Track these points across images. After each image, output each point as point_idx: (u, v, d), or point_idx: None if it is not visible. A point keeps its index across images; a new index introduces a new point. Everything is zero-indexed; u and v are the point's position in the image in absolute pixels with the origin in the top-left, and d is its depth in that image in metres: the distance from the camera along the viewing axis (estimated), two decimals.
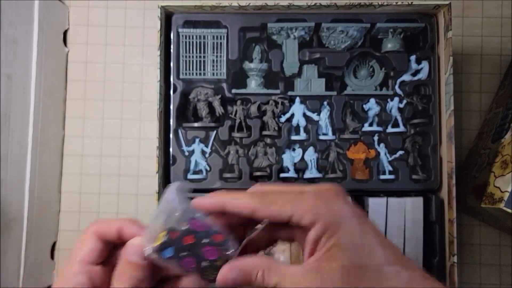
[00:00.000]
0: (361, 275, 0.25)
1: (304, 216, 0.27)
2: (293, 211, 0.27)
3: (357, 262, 0.25)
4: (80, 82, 0.78)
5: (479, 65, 0.77)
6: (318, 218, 0.26)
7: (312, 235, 0.27)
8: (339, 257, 0.26)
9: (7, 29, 0.61)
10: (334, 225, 0.26)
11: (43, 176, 0.71)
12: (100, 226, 0.31)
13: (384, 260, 0.26)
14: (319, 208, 0.27)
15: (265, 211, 0.28)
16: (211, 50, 0.68)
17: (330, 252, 0.26)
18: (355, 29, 0.66)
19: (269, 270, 0.28)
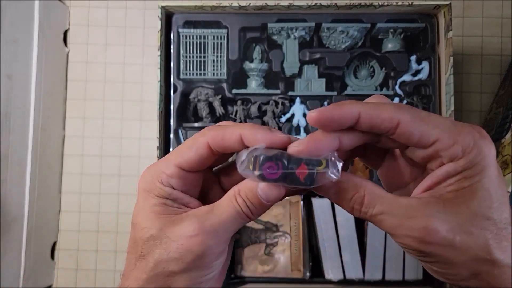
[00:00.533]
0: (485, 227, 0.22)
1: (452, 147, 0.23)
2: (440, 136, 0.23)
3: (487, 213, 0.23)
4: (80, 82, 0.78)
5: (479, 65, 0.77)
6: (466, 154, 0.23)
7: (447, 168, 0.23)
8: (471, 201, 0.23)
9: (7, 29, 0.61)
10: (478, 166, 0.23)
11: (43, 176, 0.71)
12: (218, 137, 0.26)
13: (509, 221, 0.23)
14: (469, 143, 0.23)
15: (412, 127, 0.23)
16: (211, 50, 0.68)
17: (462, 193, 0.23)
18: (356, 29, 0.66)
19: (373, 194, 0.24)
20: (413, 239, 0.23)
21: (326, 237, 0.66)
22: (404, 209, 0.23)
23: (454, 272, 0.23)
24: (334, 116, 0.24)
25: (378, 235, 0.66)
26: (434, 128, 0.23)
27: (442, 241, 0.22)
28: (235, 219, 0.25)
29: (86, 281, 0.76)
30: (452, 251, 0.22)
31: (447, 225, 0.22)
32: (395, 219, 0.23)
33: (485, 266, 0.23)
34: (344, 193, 0.25)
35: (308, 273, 0.66)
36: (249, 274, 0.68)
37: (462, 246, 0.22)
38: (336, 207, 0.66)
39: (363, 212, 0.24)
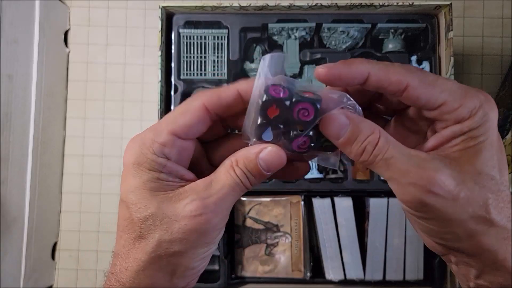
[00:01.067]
0: (488, 186, 0.23)
1: (458, 108, 0.23)
2: (447, 99, 0.23)
3: (491, 172, 0.23)
4: (81, 82, 0.78)
5: (480, 65, 0.77)
6: (472, 115, 0.23)
7: (453, 129, 0.24)
8: (477, 160, 0.23)
9: (8, 29, 0.61)
10: (483, 127, 0.23)
11: (44, 176, 0.71)
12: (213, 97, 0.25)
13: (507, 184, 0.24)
14: (476, 105, 0.23)
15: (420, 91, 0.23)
16: (212, 50, 0.68)
17: (467, 152, 0.23)
18: (356, 30, 0.66)
19: (387, 137, 0.24)
20: (418, 187, 0.23)
21: (327, 237, 0.66)
22: (414, 158, 0.23)
23: (450, 230, 0.23)
24: (342, 74, 0.24)
25: (378, 235, 0.66)
26: (441, 92, 0.23)
27: (446, 194, 0.22)
28: (235, 192, 0.25)
29: (86, 282, 0.76)
30: (454, 206, 0.23)
31: (452, 180, 0.22)
32: (405, 166, 0.23)
33: (482, 226, 0.23)
34: (358, 134, 0.24)
35: (308, 273, 0.66)
36: (249, 274, 0.68)
37: (464, 202, 0.22)
38: (336, 207, 0.66)
39: (374, 155, 0.24)
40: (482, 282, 0.24)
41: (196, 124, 0.25)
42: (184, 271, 0.25)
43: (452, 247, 0.25)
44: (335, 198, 0.66)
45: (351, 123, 0.24)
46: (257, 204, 0.69)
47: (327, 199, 0.66)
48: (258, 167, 0.25)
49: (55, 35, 0.75)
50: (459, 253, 0.24)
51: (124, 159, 0.26)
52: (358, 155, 0.24)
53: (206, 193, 0.24)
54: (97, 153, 0.78)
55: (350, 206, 0.65)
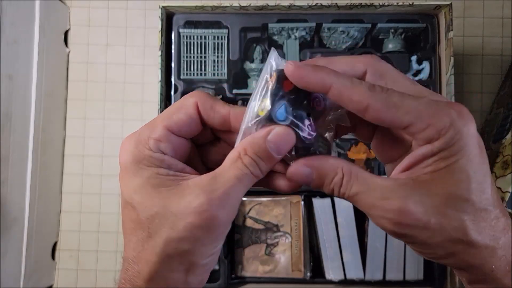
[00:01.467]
0: (462, 209, 0.22)
1: (426, 129, 0.22)
2: (413, 121, 0.22)
3: (465, 195, 0.22)
4: (81, 83, 0.78)
5: (480, 65, 0.77)
6: (441, 134, 0.22)
7: (423, 150, 0.23)
8: (448, 183, 0.22)
9: (8, 29, 0.61)
10: (455, 147, 0.22)
11: (44, 176, 0.71)
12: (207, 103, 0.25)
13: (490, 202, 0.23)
14: (445, 124, 0.22)
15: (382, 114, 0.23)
16: (212, 50, 0.68)
17: (438, 174, 0.22)
18: (356, 30, 0.66)
19: (350, 176, 0.24)
20: (388, 220, 0.23)
21: (327, 237, 0.66)
22: (379, 190, 0.23)
23: (430, 251, 0.24)
24: (305, 79, 0.23)
25: (378, 235, 0.66)
26: (406, 114, 0.23)
27: (416, 223, 0.22)
28: (243, 183, 0.24)
29: (86, 282, 0.76)
30: (427, 233, 0.22)
31: (421, 207, 0.22)
32: (370, 200, 0.23)
33: (461, 247, 0.22)
34: (323, 178, 0.25)
35: (308, 273, 0.66)
36: (249, 274, 0.68)
37: (436, 227, 0.22)
38: (336, 207, 0.66)
39: (342, 193, 0.24)
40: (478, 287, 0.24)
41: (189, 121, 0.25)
42: (196, 269, 0.24)
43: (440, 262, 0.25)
44: (335, 198, 0.66)
45: (314, 171, 0.24)
46: (257, 204, 0.69)
47: (327, 199, 0.66)
48: (268, 150, 0.24)
49: (55, 35, 0.75)
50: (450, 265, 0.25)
51: (121, 159, 0.25)
52: (331, 193, 0.25)
53: (211, 188, 0.23)
54: (97, 153, 0.78)
55: (350, 206, 0.65)
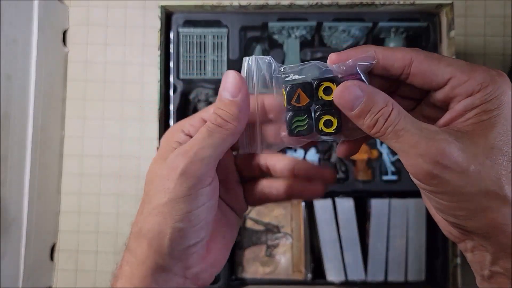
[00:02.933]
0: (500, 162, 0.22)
1: (468, 81, 0.23)
2: (454, 73, 0.23)
3: (504, 148, 0.22)
4: (80, 82, 0.78)
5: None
6: (483, 86, 0.23)
7: (464, 103, 0.23)
8: (490, 134, 0.23)
9: (7, 29, 0.61)
10: (496, 101, 0.23)
11: (42, 176, 0.71)
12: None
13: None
14: (486, 78, 0.23)
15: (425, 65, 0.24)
16: (211, 50, 0.67)
17: (480, 126, 0.23)
18: (357, 29, 0.65)
19: (399, 110, 0.24)
20: (426, 159, 0.22)
21: (328, 238, 0.65)
22: (425, 131, 0.23)
23: (461, 205, 0.23)
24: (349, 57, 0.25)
25: (380, 236, 0.65)
26: (447, 66, 0.24)
27: (456, 167, 0.22)
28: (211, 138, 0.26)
29: (86, 282, 0.76)
30: (464, 179, 0.22)
31: (463, 153, 0.22)
32: (414, 138, 0.23)
33: (494, 202, 0.22)
34: (371, 106, 0.24)
35: (309, 274, 0.66)
36: (250, 276, 0.68)
37: (475, 175, 0.22)
38: (337, 208, 0.65)
39: (385, 127, 0.24)
40: (498, 269, 0.23)
41: None
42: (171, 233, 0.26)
43: (465, 227, 0.24)
44: (336, 199, 0.65)
45: (365, 96, 0.24)
46: None
47: (328, 199, 0.66)
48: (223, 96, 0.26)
49: (54, 34, 0.75)
50: (474, 235, 0.24)
51: (161, 139, 0.29)
52: (370, 127, 0.24)
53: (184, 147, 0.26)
54: (96, 153, 0.77)
55: (351, 206, 0.65)
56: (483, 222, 0.23)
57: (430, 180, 0.23)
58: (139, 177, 0.77)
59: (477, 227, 0.23)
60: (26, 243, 0.66)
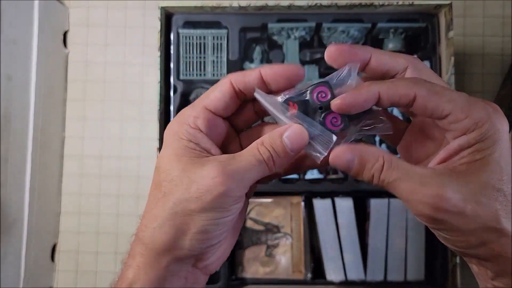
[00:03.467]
0: (495, 198, 0.24)
1: (464, 119, 0.24)
2: (453, 110, 0.24)
3: (498, 185, 0.24)
4: (80, 83, 0.78)
5: (480, 65, 0.77)
6: (478, 126, 0.24)
7: (459, 141, 0.25)
8: (483, 173, 0.24)
9: (7, 30, 0.61)
10: (490, 140, 0.24)
11: (43, 177, 0.71)
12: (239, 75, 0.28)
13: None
14: (482, 117, 0.24)
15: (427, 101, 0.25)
16: (211, 50, 0.67)
17: (474, 165, 0.24)
18: (356, 29, 0.65)
19: (391, 163, 0.25)
20: (426, 205, 0.24)
21: (328, 238, 0.65)
22: (418, 177, 0.24)
23: (463, 239, 0.24)
24: (356, 101, 0.26)
25: (379, 236, 0.65)
26: (447, 102, 0.24)
27: (453, 209, 0.23)
28: (256, 168, 0.26)
29: (86, 283, 0.76)
30: (463, 219, 0.23)
31: (458, 194, 0.23)
32: (410, 186, 0.24)
33: (493, 235, 0.24)
34: (365, 164, 0.26)
35: (309, 274, 0.66)
36: (250, 276, 0.68)
37: (472, 214, 0.23)
38: (337, 208, 0.65)
39: (381, 180, 0.26)
40: (498, 284, 0.25)
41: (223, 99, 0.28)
42: (196, 233, 0.26)
43: (467, 254, 0.26)
44: (336, 199, 0.66)
45: (356, 157, 0.26)
46: (258, 205, 0.69)
47: (328, 199, 0.66)
48: (283, 145, 0.26)
49: (54, 35, 0.75)
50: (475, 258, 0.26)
51: (165, 133, 0.29)
52: (370, 180, 0.26)
53: (228, 162, 0.26)
54: (96, 153, 0.77)
55: (350, 206, 0.65)
56: (483, 251, 0.24)
57: (433, 222, 0.25)
58: (139, 177, 0.77)
59: (478, 254, 0.25)
60: (27, 244, 0.66)
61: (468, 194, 0.23)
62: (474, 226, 0.24)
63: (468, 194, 0.23)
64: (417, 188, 0.24)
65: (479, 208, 0.23)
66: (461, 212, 0.23)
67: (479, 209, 0.23)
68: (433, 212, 0.24)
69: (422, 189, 0.24)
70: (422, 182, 0.24)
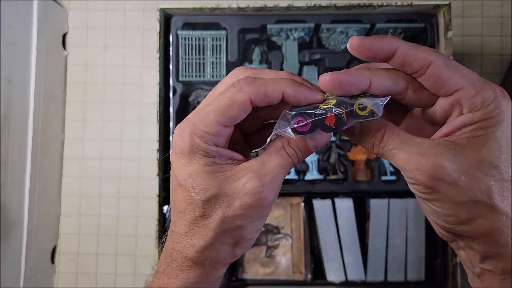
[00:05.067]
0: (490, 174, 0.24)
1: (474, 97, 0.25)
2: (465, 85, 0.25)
3: (495, 162, 0.24)
4: (80, 85, 0.78)
5: (479, 65, 0.77)
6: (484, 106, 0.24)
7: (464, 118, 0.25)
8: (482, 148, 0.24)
9: (6, 32, 0.61)
10: (494, 119, 0.24)
11: (43, 179, 0.71)
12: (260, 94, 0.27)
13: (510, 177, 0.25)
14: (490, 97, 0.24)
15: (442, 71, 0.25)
16: (210, 52, 0.67)
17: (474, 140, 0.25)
18: (355, 30, 0.66)
19: (391, 131, 0.26)
20: (421, 172, 0.24)
21: (328, 239, 0.65)
22: (418, 146, 0.25)
23: (453, 212, 0.25)
24: (373, 45, 0.26)
25: (379, 236, 0.65)
26: (461, 78, 0.25)
27: (447, 178, 0.24)
28: (285, 169, 0.28)
29: (86, 285, 0.76)
30: (455, 190, 0.24)
31: (454, 165, 0.24)
32: (407, 154, 0.25)
33: (483, 210, 0.24)
34: (367, 131, 0.27)
35: (309, 275, 0.66)
36: (250, 277, 0.68)
37: (465, 186, 0.24)
38: (337, 208, 0.65)
39: (381, 147, 0.26)
40: (487, 267, 0.25)
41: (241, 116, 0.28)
42: (243, 242, 0.28)
43: (456, 231, 0.26)
44: (336, 199, 0.66)
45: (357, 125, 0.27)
46: None
47: (328, 200, 0.66)
48: (308, 144, 0.28)
49: (54, 37, 0.75)
50: (464, 237, 0.26)
51: (177, 145, 0.28)
52: (370, 148, 0.27)
53: (262, 172, 0.27)
54: (96, 155, 0.77)
55: (350, 207, 0.65)
56: (471, 227, 0.25)
57: (426, 190, 0.25)
58: (139, 179, 0.77)
59: (466, 231, 0.25)
60: (27, 246, 0.66)
61: (464, 166, 0.24)
62: (466, 198, 0.24)
63: (464, 166, 0.24)
64: (414, 157, 0.25)
65: (472, 181, 0.24)
66: (454, 182, 0.24)
67: (472, 182, 0.24)
68: (428, 180, 0.24)
69: (419, 158, 0.25)
70: (420, 152, 0.25)
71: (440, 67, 0.25)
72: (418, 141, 0.25)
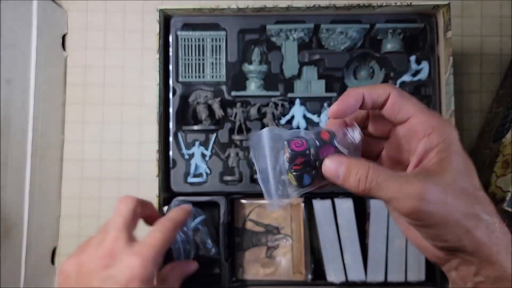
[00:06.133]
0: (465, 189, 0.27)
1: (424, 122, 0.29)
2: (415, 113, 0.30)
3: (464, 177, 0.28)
4: (79, 86, 0.78)
5: (479, 65, 0.77)
6: (435, 130, 0.29)
7: (424, 145, 0.29)
8: (452, 168, 0.28)
9: (5, 33, 0.61)
10: (448, 141, 0.28)
11: (43, 181, 0.71)
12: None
13: (479, 186, 0.28)
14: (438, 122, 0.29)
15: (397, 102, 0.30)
16: (210, 52, 0.67)
17: (442, 163, 0.28)
18: (355, 30, 0.66)
19: (375, 169, 0.29)
20: (413, 198, 0.27)
21: (328, 239, 0.65)
22: (403, 178, 0.28)
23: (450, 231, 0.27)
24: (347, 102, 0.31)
25: (379, 236, 0.65)
26: (412, 106, 0.30)
27: (437, 200, 0.27)
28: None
29: None
30: (446, 208, 0.27)
31: (438, 187, 0.27)
32: (396, 184, 0.28)
33: (473, 221, 0.27)
34: (351, 170, 0.29)
35: (310, 275, 0.66)
36: (250, 277, 0.68)
37: (453, 203, 0.27)
38: (337, 209, 0.65)
39: (368, 182, 0.29)
40: (480, 278, 0.27)
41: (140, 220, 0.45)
42: None
43: (454, 248, 0.28)
44: (336, 200, 0.66)
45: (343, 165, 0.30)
46: (257, 206, 0.69)
47: (328, 200, 0.66)
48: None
49: (53, 39, 0.75)
50: (461, 253, 0.28)
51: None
52: (356, 186, 0.29)
53: None
54: (96, 157, 0.77)
55: (350, 207, 0.65)
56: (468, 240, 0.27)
57: (420, 216, 0.27)
58: (139, 181, 0.77)
59: (464, 246, 0.27)
60: (27, 248, 0.66)
61: (445, 185, 0.27)
62: (458, 215, 0.26)
63: (445, 185, 0.27)
64: (402, 186, 0.27)
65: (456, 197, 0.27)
66: (443, 202, 0.26)
67: (456, 198, 0.27)
68: (419, 204, 0.26)
69: (407, 186, 0.27)
70: (405, 182, 0.27)
71: (395, 96, 0.30)
72: (401, 174, 0.29)
